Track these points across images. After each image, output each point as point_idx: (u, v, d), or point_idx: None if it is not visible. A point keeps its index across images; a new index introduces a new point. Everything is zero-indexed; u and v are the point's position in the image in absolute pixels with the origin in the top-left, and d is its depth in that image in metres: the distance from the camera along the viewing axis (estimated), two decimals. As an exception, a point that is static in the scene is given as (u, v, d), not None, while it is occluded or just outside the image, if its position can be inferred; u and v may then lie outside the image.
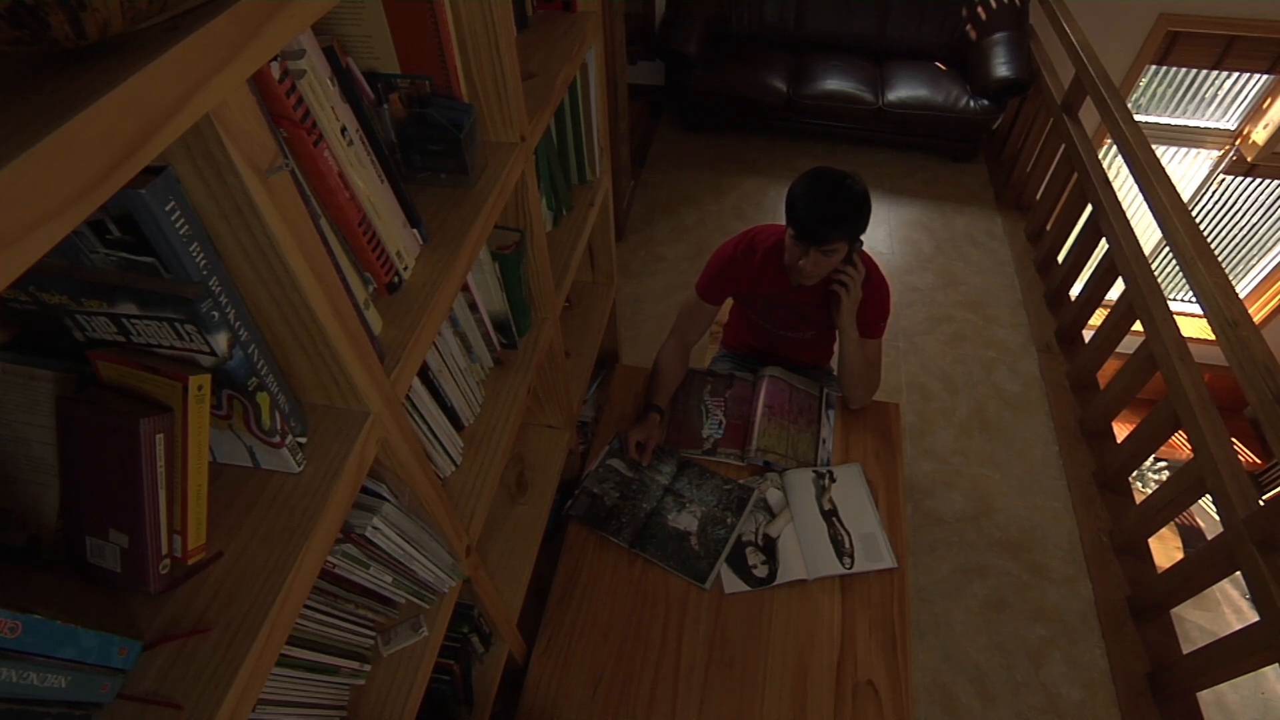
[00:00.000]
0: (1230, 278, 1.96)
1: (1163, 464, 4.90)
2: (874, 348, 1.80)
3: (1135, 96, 4.57)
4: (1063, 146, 3.22)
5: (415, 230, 0.90)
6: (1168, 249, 2.19)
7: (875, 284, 1.72)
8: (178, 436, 0.58)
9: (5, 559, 0.63)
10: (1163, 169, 2.38)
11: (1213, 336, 1.89)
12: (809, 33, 4.16)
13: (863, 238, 1.60)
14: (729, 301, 2.14)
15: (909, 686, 1.46)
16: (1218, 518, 1.84)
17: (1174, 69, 4.53)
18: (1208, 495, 1.91)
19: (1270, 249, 5.33)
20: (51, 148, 0.36)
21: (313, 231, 0.62)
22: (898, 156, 4.15)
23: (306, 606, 0.86)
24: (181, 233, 0.54)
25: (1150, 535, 2.34)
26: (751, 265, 1.76)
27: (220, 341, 0.59)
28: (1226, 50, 4.08)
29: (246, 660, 0.58)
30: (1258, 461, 5.01)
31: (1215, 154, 4.87)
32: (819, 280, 1.65)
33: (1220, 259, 2.03)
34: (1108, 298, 2.80)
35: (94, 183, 0.39)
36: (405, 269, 0.88)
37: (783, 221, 1.63)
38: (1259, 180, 4.84)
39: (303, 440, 0.73)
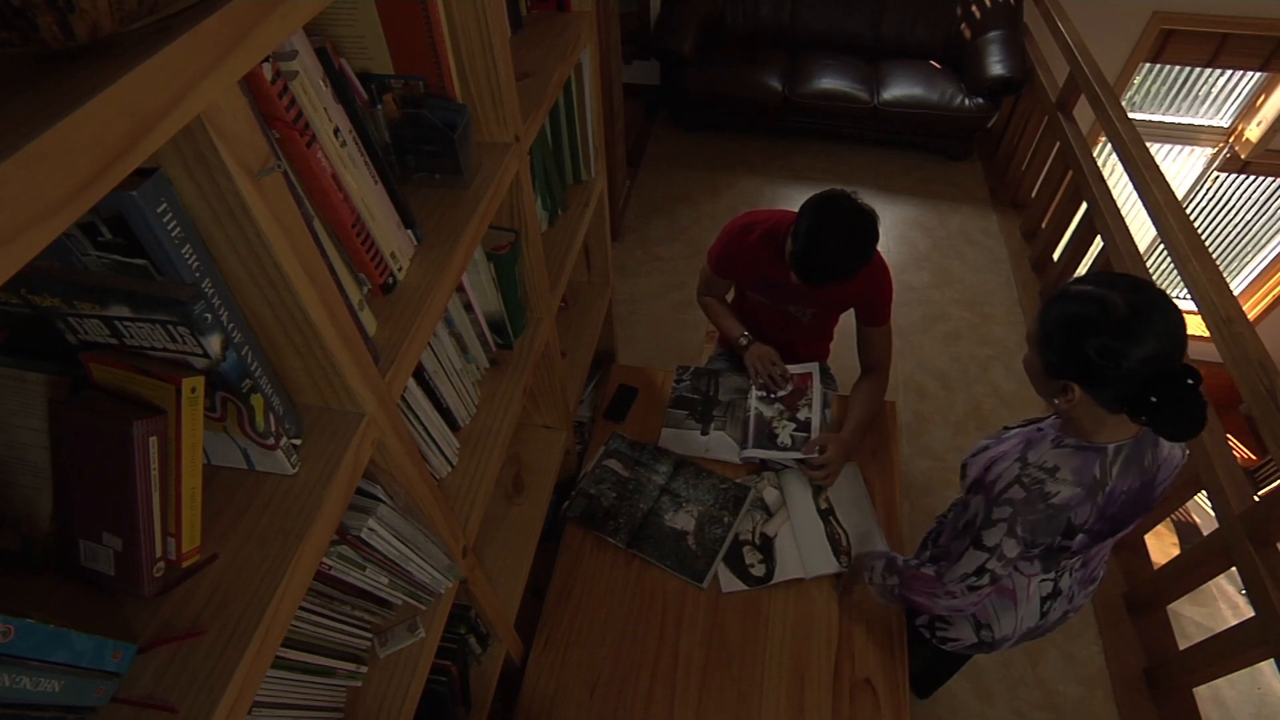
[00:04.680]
0: (1224, 274, 1.96)
1: (1158, 461, 4.91)
2: (883, 334, 1.80)
3: (1129, 94, 4.58)
4: (1057, 144, 3.23)
5: (409, 231, 0.90)
6: (1162, 246, 2.20)
7: (876, 272, 1.71)
8: (171, 439, 0.58)
9: (-1, 563, 0.63)
10: (1157, 166, 2.38)
11: (1207, 333, 1.90)
12: (804, 32, 4.17)
13: None
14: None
15: (906, 684, 1.46)
16: (1213, 514, 1.84)
17: (1168, 67, 4.55)
18: (1203, 491, 1.91)
19: (1264, 246, 5.35)
20: (42, 149, 0.36)
21: (306, 233, 0.62)
22: (893, 155, 4.16)
23: (302, 608, 0.86)
24: (173, 235, 0.54)
25: (1146, 532, 2.35)
26: (748, 245, 1.77)
27: (213, 343, 0.59)
28: (1220, 48, 4.09)
29: (242, 663, 0.58)
30: (1253, 458, 5.02)
31: (1209, 151, 4.89)
32: None
33: (1214, 256, 2.04)
34: (1103, 295, 2.80)
35: (85, 185, 0.39)
36: (400, 270, 0.88)
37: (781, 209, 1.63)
38: (1253, 177, 4.86)
39: (297, 442, 0.73)
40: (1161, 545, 3.40)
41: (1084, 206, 2.92)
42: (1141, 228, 3.16)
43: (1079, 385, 1.03)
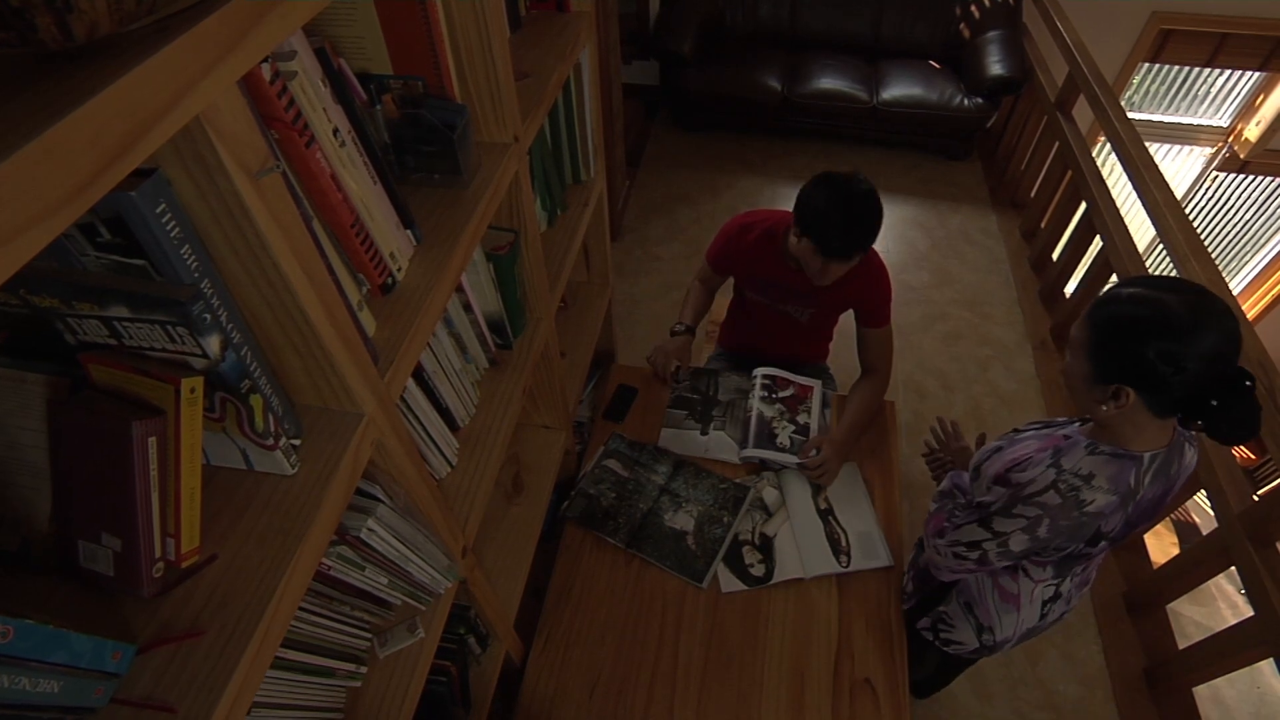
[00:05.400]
0: (1224, 274, 1.96)
1: (1158, 460, 4.90)
2: (883, 335, 1.79)
3: (1128, 94, 4.58)
4: (1057, 144, 3.24)
5: (409, 231, 0.90)
6: (1161, 246, 2.20)
7: (874, 273, 1.72)
8: (170, 439, 0.58)
9: (-2, 563, 0.63)
10: (1156, 166, 2.38)
11: (1206, 333, 1.90)
12: (804, 32, 4.17)
13: None
14: (724, 300, 2.15)
15: (906, 684, 1.46)
16: (1213, 514, 1.84)
17: (1167, 66, 4.55)
18: (1203, 491, 1.91)
19: (1263, 245, 5.35)
20: (40, 150, 0.36)
21: (305, 233, 0.62)
22: (893, 155, 4.16)
23: (301, 609, 0.86)
24: (172, 235, 0.54)
25: (1146, 532, 2.35)
26: (746, 245, 1.77)
27: (212, 344, 0.59)
28: (1219, 48, 4.10)
29: (241, 663, 0.58)
30: (1252, 457, 5.03)
31: (1208, 151, 4.89)
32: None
33: (1213, 256, 2.04)
34: (1102, 295, 2.80)
35: (84, 185, 0.39)
36: (399, 270, 0.88)
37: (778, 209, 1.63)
38: (1252, 177, 4.86)
39: (296, 442, 0.73)
40: (1161, 545, 3.40)
41: (1083, 206, 2.92)
42: (1141, 227, 3.16)
43: (1134, 390, 1.00)
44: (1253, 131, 4.51)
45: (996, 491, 1.18)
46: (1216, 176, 4.99)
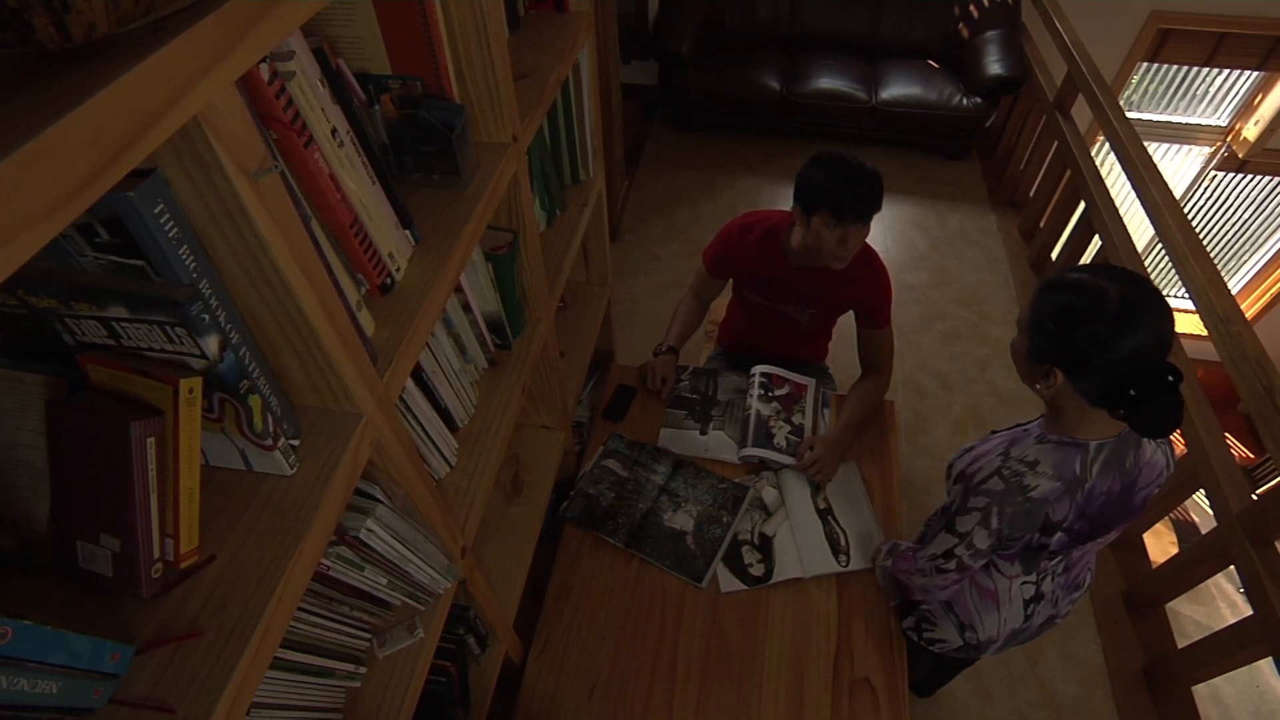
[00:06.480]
0: (1222, 274, 1.96)
1: (1157, 459, 4.90)
2: (883, 337, 1.79)
3: (1127, 93, 4.58)
4: (1055, 144, 3.24)
5: (407, 231, 0.90)
6: (1160, 246, 2.20)
7: (875, 274, 1.72)
8: (169, 440, 0.58)
9: (-4, 564, 0.63)
10: (1155, 166, 2.39)
11: (1205, 332, 1.90)
12: (802, 31, 4.17)
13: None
14: (724, 300, 2.15)
15: (905, 683, 1.46)
16: (1211, 513, 1.84)
17: (1165, 66, 4.55)
18: (1202, 490, 1.91)
19: (1261, 245, 5.35)
20: (38, 150, 0.36)
21: (304, 233, 0.62)
22: (892, 154, 4.16)
23: (300, 609, 0.86)
24: (171, 235, 0.54)
25: (1145, 531, 2.36)
26: (747, 245, 1.77)
27: (211, 344, 0.59)
28: (1217, 47, 4.10)
29: (240, 664, 0.58)
30: (1250, 456, 5.03)
31: (1207, 150, 4.90)
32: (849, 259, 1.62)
33: (1212, 255, 2.04)
34: (1101, 294, 2.81)
35: (82, 185, 0.39)
36: (398, 270, 0.88)
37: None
38: (1250, 176, 4.86)
39: (295, 442, 0.73)
40: (1160, 544, 3.40)
41: (1082, 206, 2.92)
42: (1140, 227, 3.16)
43: (1062, 371, 1.04)
44: (1251, 131, 4.51)
45: (954, 492, 1.21)
46: (1215, 176, 4.99)
